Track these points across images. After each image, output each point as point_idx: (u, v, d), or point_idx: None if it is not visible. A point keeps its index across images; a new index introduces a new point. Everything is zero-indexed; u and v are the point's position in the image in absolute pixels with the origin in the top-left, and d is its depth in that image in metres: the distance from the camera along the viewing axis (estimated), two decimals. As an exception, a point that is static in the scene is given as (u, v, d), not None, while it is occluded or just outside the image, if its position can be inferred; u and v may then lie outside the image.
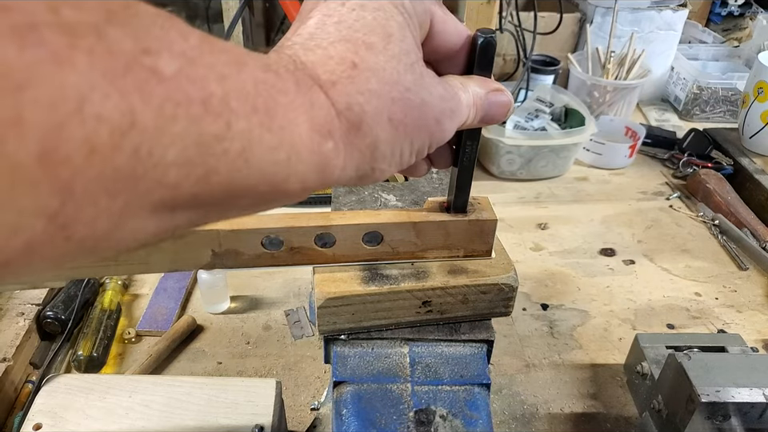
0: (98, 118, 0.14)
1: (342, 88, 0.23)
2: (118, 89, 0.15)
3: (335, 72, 0.23)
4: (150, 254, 0.37)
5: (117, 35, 0.15)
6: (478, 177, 1.12)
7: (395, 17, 0.25)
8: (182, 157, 0.17)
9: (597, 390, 0.70)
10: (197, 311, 0.78)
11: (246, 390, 0.54)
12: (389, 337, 0.41)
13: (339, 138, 0.23)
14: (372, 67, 0.24)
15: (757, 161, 1.12)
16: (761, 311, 0.82)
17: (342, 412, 0.38)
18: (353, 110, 0.23)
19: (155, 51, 0.16)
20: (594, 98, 1.25)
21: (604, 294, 0.85)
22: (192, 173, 0.17)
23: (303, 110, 0.21)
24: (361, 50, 0.24)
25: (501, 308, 0.42)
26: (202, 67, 0.18)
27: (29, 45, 0.13)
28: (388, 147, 0.25)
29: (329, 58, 0.23)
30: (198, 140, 0.17)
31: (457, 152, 0.36)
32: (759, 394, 0.52)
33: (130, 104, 0.15)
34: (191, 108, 0.17)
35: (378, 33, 0.25)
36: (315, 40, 0.24)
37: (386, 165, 0.26)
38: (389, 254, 0.41)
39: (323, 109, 0.22)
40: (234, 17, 0.89)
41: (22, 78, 0.13)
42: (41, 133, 0.14)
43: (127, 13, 0.16)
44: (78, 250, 0.16)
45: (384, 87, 0.24)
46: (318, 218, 0.39)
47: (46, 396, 0.53)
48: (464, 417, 0.37)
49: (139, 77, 0.16)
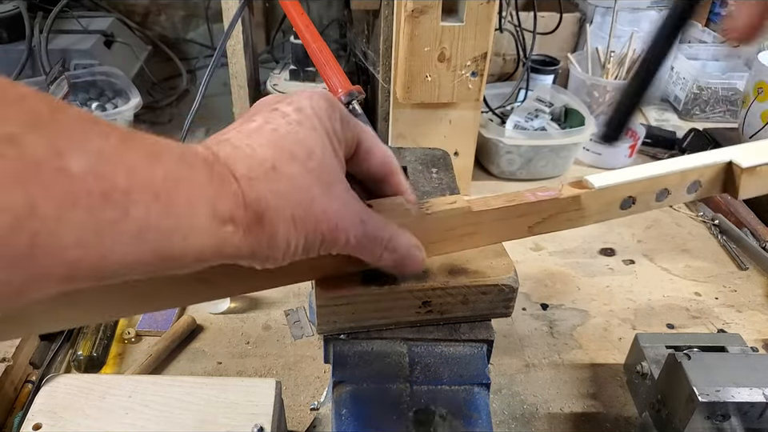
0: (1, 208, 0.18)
1: (256, 184, 0.27)
2: (23, 185, 0.18)
3: (254, 170, 0.27)
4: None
5: (33, 141, 0.19)
6: (478, 177, 1.12)
7: (323, 139, 0.31)
8: (80, 239, 0.20)
9: (597, 390, 0.70)
10: (196, 311, 0.78)
11: (245, 390, 0.54)
12: (388, 337, 0.41)
13: (240, 224, 0.26)
14: (288, 173, 0.28)
15: (757, 161, 1.11)
16: (761, 311, 0.82)
17: (341, 412, 0.38)
18: (260, 204, 0.27)
19: (68, 151, 0.20)
20: (593, 98, 1.25)
21: (604, 294, 0.85)
22: (90, 253, 0.21)
23: (207, 200, 0.25)
24: (284, 157, 0.29)
25: (501, 308, 0.42)
26: (113, 163, 0.21)
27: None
28: (284, 240, 0.29)
29: (254, 158, 0.28)
30: (96, 226, 0.20)
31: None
32: (759, 394, 0.52)
33: (31, 198, 0.18)
34: (91, 200, 0.20)
35: (303, 148, 0.29)
36: (249, 140, 0.29)
37: (279, 254, 0.29)
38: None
39: (231, 198, 0.26)
40: (234, 17, 0.89)
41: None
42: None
43: (52, 117, 0.20)
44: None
45: (294, 192, 0.28)
46: None
47: (45, 396, 0.53)
48: (464, 417, 0.37)
49: (45, 176, 0.19)
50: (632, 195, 0.44)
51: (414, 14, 0.81)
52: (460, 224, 0.41)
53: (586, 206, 0.43)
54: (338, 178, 0.32)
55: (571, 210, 0.43)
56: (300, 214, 0.29)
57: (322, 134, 0.31)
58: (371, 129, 0.37)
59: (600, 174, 0.43)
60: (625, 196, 0.44)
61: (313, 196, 0.29)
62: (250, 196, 0.27)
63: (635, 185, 0.43)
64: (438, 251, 0.42)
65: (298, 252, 0.30)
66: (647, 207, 0.45)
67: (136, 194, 0.22)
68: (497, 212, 0.41)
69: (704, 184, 0.45)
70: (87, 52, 1.15)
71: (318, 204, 0.30)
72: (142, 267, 0.23)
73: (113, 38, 1.24)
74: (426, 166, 0.58)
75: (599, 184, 0.42)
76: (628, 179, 0.43)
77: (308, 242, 0.30)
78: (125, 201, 0.21)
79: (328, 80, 0.66)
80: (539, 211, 0.42)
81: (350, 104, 0.62)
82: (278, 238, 0.28)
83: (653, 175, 0.43)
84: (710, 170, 0.45)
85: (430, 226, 0.40)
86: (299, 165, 0.29)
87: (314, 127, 0.31)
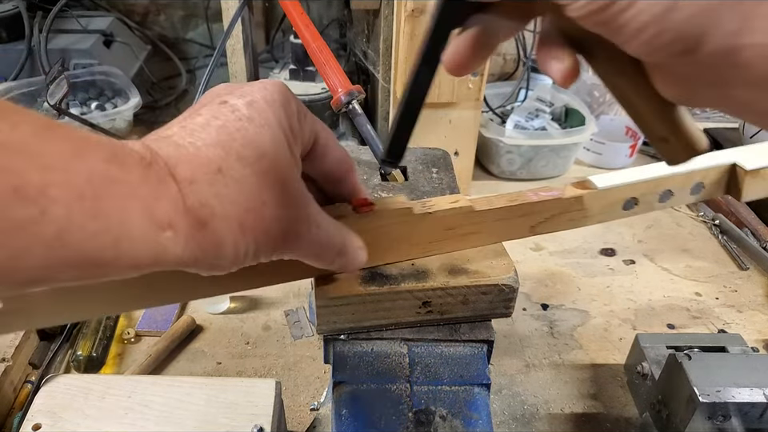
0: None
1: (199, 187, 0.25)
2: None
3: (198, 172, 0.25)
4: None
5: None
6: (479, 177, 1.12)
7: (276, 136, 0.28)
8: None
9: (597, 391, 0.70)
10: (196, 311, 0.78)
11: (245, 390, 0.54)
12: (388, 337, 0.41)
13: (181, 231, 0.24)
14: (236, 177, 0.26)
15: (757, 160, 1.12)
16: (761, 311, 0.82)
17: (341, 412, 0.38)
18: (203, 210, 0.25)
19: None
20: (594, 98, 1.25)
21: (604, 294, 0.85)
22: (1, 253, 0.19)
23: (141, 202, 0.23)
24: (231, 158, 0.26)
25: (501, 309, 0.42)
26: (26, 156, 0.19)
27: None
28: (232, 248, 0.26)
29: (197, 159, 0.25)
30: (6, 225, 0.19)
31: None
32: (759, 394, 0.52)
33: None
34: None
35: (253, 147, 0.27)
36: (194, 137, 0.26)
37: (226, 262, 0.27)
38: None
39: (170, 203, 0.24)
40: (234, 16, 0.89)
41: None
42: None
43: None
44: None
45: (241, 197, 0.26)
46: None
47: (45, 396, 0.53)
48: (464, 417, 0.37)
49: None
50: (635, 196, 0.44)
51: (414, 14, 0.81)
52: (462, 223, 0.41)
53: (588, 206, 0.43)
54: (292, 179, 0.29)
55: (574, 210, 0.43)
56: (249, 220, 0.26)
57: (275, 131, 0.28)
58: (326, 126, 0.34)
59: (603, 175, 0.43)
60: (627, 197, 0.44)
61: (263, 201, 0.27)
62: (191, 200, 0.24)
63: (638, 186, 0.43)
64: (439, 250, 0.42)
65: (248, 259, 0.28)
66: (650, 208, 0.45)
67: (54, 191, 0.20)
68: (499, 211, 0.41)
69: (707, 185, 0.45)
70: (87, 52, 1.15)
71: (269, 209, 0.27)
72: (66, 272, 0.21)
73: (112, 38, 1.24)
74: (427, 165, 0.58)
75: (602, 184, 0.42)
76: (631, 180, 0.43)
77: (258, 248, 0.28)
78: (40, 198, 0.19)
79: (328, 79, 0.66)
80: (541, 211, 0.42)
81: (350, 104, 0.62)
82: (225, 247, 0.26)
83: (656, 176, 0.43)
84: (714, 171, 0.45)
85: (431, 225, 0.40)
86: (248, 167, 0.26)
87: (267, 123, 0.28)
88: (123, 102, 1.10)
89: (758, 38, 0.20)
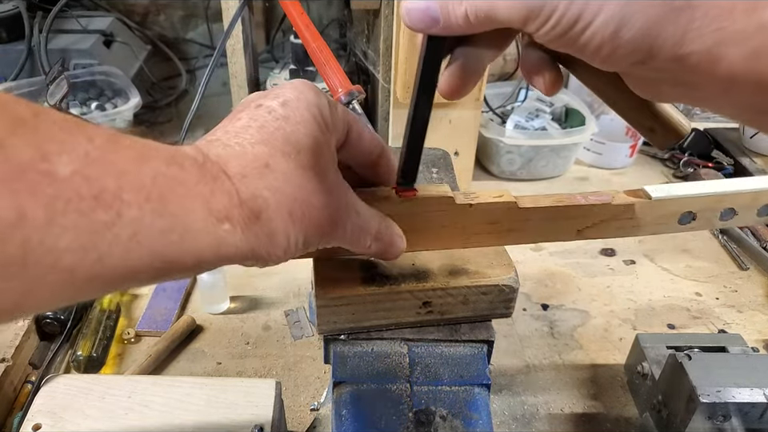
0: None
1: (250, 181, 0.27)
2: (9, 190, 0.18)
3: (247, 167, 0.27)
4: None
5: (17, 145, 0.19)
6: (479, 176, 1.12)
7: (313, 132, 0.30)
8: (74, 244, 0.20)
9: (597, 391, 0.70)
10: (196, 311, 0.78)
11: (245, 390, 0.54)
12: (389, 337, 0.41)
13: (238, 222, 0.26)
14: (282, 170, 0.28)
15: (757, 160, 1.12)
16: (761, 311, 0.82)
17: (341, 412, 0.38)
18: (256, 201, 0.27)
19: (55, 154, 0.20)
20: (594, 98, 1.25)
21: (604, 294, 0.85)
22: (86, 257, 0.20)
23: (200, 198, 0.25)
24: (276, 155, 0.28)
25: (501, 309, 0.42)
26: (101, 165, 0.21)
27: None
28: (284, 237, 0.28)
29: (245, 156, 0.28)
30: (89, 228, 0.20)
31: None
32: (760, 394, 0.52)
33: (19, 202, 0.18)
34: (82, 203, 0.20)
35: (292, 144, 0.29)
36: (238, 138, 0.28)
37: (280, 252, 0.29)
38: None
39: (225, 196, 0.26)
40: (234, 16, 0.89)
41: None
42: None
43: (36, 121, 0.20)
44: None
45: (289, 188, 0.28)
46: None
47: (45, 396, 0.53)
48: (464, 417, 0.37)
49: (32, 180, 0.19)
50: (693, 211, 0.42)
51: (414, 14, 0.81)
52: (505, 219, 0.40)
53: (639, 215, 0.42)
54: (331, 170, 0.31)
55: (624, 218, 0.42)
56: (297, 210, 0.28)
57: (310, 126, 0.30)
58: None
59: (661, 185, 0.42)
60: (684, 210, 0.42)
61: (309, 191, 0.29)
62: (244, 193, 0.26)
63: (697, 200, 0.42)
64: (480, 244, 0.42)
65: (299, 248, 0.30)
66: (709, 225, 0.44)
67: (127, 195, 0.21)
68: (544, 211, 0.40)
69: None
70: (87, 52, 1.15)
71: (316, 199, 0.29)
72: (142, 272, 0.23)
73: (112, 38, 1.24)
74: (427, 166, 0.58)
75: (656, 195, 0.41)
76: (689, 193, 0.41)
77: (307, 238, 0.30)
78: (116, 203, 0.21)
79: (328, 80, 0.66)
80: (589, 215, 0.41)
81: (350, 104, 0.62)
82: (277, 236, 0.28)
83: (717, 192, 0.42)
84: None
85: (473, 217, 0.40)
86: (292, 161, 0.28)
87: (302, 120, 0.30)
88: (123, 102, 1.10)
89: (696, 45, 0.24)
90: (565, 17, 0.25)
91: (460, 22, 0.28)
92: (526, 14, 0.26)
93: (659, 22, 0.24)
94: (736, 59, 0.23)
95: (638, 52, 0.25)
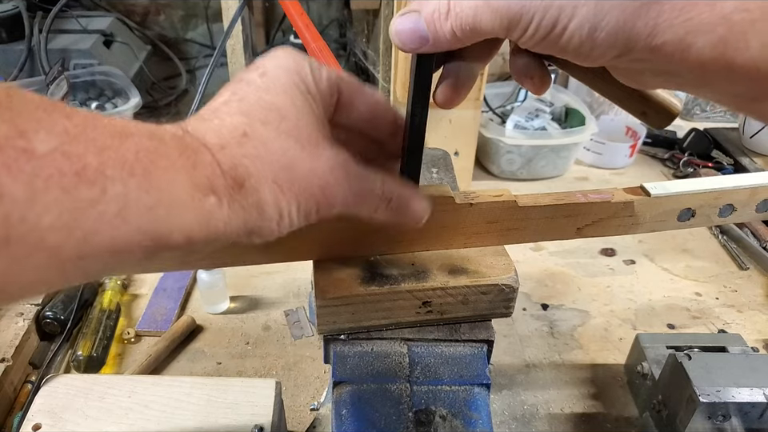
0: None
1: (229, 151, 0.26)
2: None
3: (225, 137, 0.27)
4: None
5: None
6: (479, 176, 1.12)
7: (295, 99, 0.29)
8: (58, 222, 0.19)
9: (597, 391, 0.70)
10: (196, 311, 0.78)
11: (245, 390, 0.54)
12: (388, 337, 0.41)
13: (223, 194, 0.25)
14: (261, 137, 0.27)
15: (757, 160, 1.12)
16: (761, 311, 0.82)
17: (341, 412, 0.38)
18: (237, 170, 0.26)
19: (32, 131, 0.19)
20: (594, 98, 1.25)
21: (604, 294, 0.85)
22: (71, 236, 0.20)
23: (183, 171, 0.24)
24: (255, 123, 0.27)
25: (501, 309, 0.42)
26: (81, 142, 0.21)
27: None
28: (274, 209, 0.27)
29: (223, 127, 0.27)
30: (73, 206, 0.20)
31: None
32: (760, 394, 0.52)
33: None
34: (63, 179, 0.20)
35: (273, 112, 0.28)
36: (218, 113, 0.28)
37: (273, 224, 0.28)
38: None
39: (207, 168, 0.25)
40: (234, 16, 0.89)
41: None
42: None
43: (9, 101, 0.19)
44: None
45: (271, 155, 0.27)
46: None
47: (45, 396, 0.53)
48: (464, 417, 0.37)
49: (8, 156, 0.19)
50: (691, 207, 0.42)
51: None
52: (505, 218, 0.40)
53: (639, 213, 0.42)
54: (320, 136, 0.30)
55: (623, 215, 0.42)
56: (284, 177, 0.28)
57: (292, 93, 0.29)
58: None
59: (659, 182, 0.42)
60: (683, 207, 0.42)
61: (293, 157, 0.28)
62: (225, 164, 0.26)
63: (696, 197, 0.42)
64: (481, 243, 0.42)
65: (294, 220, 0.29)
66: (709, 222, 0.44)
67: (110, 170, 0.21)
68: (544, 209, 0.40)
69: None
70: (87, 52, 1.15)
71: (302, 165, 0.28)
72: (130, 251, 0.22)
73: (112, 38, 1.24)
74: (426, 166, 0.58)
75: (655, 192, 0.41)
76: (688, 190, 0.42)
77: (301, 207, 0.29)
78: (100, 179, 0.21)
79: (328, 80, 0.66)
80: (588, 213, 0.41)
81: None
82: (266, 207, 0.27)
83: (715, 188, 0.42)
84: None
85: (473, 217, 0.40)
86: (272, 129, 0.28)
87: (283, 88, 0.29)
88: (123, 102, 1.10)
89: (668, 36, 0.26)
90: (542, 23, 0.27)
91: (448, 38, 0.30)
92: (508, 24, 0.28)
93: (630, 17, 0.26)
94: (705, 47, 0.25)
95: (615, 47, 0.27)
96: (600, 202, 0.41)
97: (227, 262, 0.39)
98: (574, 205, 0.41)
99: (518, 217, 0.40)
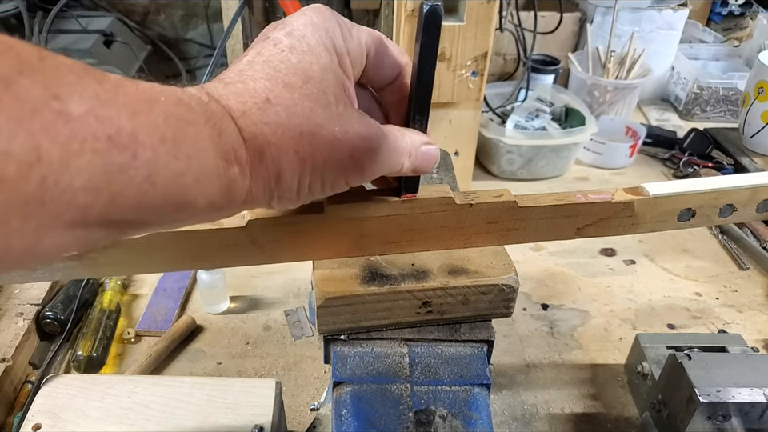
0: (5, 154, 0.17)
1: (250, 118, 0.26)
2: (24, 129, 0.18)
3: (247, 103, 0.26)
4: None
5: (26, 84, 0.18)
6: (479, 177, 1.12)
7: (321, 60, 0.28)
8: (89, 184, 0.19)
9: (597, 391, 0.70)
10: (196, 311, 0.78)
11: (245, 390, 0.54)
12: (388, 337, 0.41)
13: (246, 164, 0.25)
14: (284, 103, 0.26)
15: (757, 160, 1.12)
16: (761, 311, 0.82)
17: (341, 412, 0.38)
18: (257, 140, 0.26)
19: (66, 95, 0.19)
20: (594, 98, 1.25)
21: (604, 294, 0.85)
22: (100, 196, 0.20)
23: (210, 139, 0.24)
24: (278, 87, 0.26)
25: (501, 309, 0.42)
26: (113, 107, 0.20)
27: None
28: (294, 178, 0.27)
29: (246, 92, 0.26)
30: (104, 169, 0.20)
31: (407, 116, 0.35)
32: (760, 394, 0.52)
33: (35, 141, 0.18)
34: (97, 143, 0.20)
35: (298, 74, 0.27)
36: (242, 76, 0.27)
37: (293, 195, 0.28)
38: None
39: (231, 136, 0.25)
40: (234, 16, 0.89)
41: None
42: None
43: (42, 64, 0.19)
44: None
45: (293, 120, 0.26)
46: None
47: (45, 396, 0.53)
48: (464, 417, 0.37)
49: (46, 118, 0.18)
50: (691, 207, 0.42)
51: (414, 14, 0.81)
52: (505, 218, 0.40)
53: (639, 213, 0.42)
54: (345, 96, 0.29)
55: (623, 216, 0.42)
56: (305, 146, 0.27)
57: (319, 53, 0.28)
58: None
59: (659, 183, 0.42)
60: (683, 207, 0.42)
61: (317, 123, 0.27)
62: (246, 132, 0.25)
63: (696, 197, 0.42)
64: (482, 243, 0.42)
65: (317, 190, 0.28)
66: (709, 222, 0.43)
67: (142, 136, 0.21)
68: (544, 210, 0.40)
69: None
70: (87, 51, 1.15)
71: (327, 131, 0.27)
72: (156, 216, 0.23)
73: (112, 38, 1.24)
74: (426, 165, 0.58)
75: (655, 192, 0.41)
76: (688, 190, 0.41)
77: (327, 177, 0.28)
78: (132, 144, 0.21)
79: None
80: (588, 213, 0.41)
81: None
82: (284, 176, 0.27)
83: (716, 188, 0.42)
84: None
85: (473, 217, 0.40)
86: (296, 92, 0.27)
87: (309, 48, 0.28)
88: (123, 102, 1.10)
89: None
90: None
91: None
92: None
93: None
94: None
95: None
96: (600, 202, 0.41)
97: (227, 263, 0.39)
98: (574, 205, 0.41)
99: (518, 217, 0.40)
